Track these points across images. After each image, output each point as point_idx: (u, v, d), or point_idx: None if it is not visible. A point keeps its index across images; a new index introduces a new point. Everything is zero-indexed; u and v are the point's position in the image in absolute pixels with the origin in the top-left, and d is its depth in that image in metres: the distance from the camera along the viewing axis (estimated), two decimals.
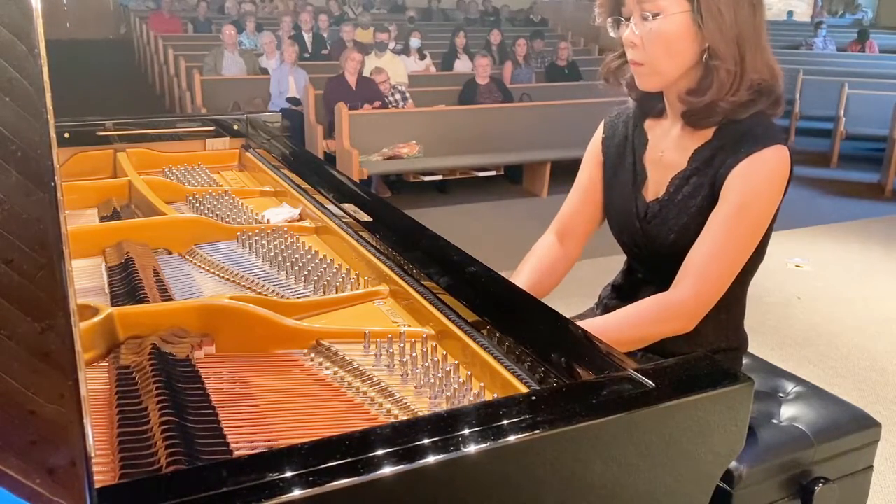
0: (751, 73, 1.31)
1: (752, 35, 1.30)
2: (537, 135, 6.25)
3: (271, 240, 1.64)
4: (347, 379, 1.12)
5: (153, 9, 12.65)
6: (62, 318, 0.61)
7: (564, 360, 1.00)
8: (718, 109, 1.32)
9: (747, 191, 1.31)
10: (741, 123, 1.34)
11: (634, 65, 1.36)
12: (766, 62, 1.33)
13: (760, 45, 1.32)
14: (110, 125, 2.35)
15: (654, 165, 1.46)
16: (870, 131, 7.38)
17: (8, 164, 0.61)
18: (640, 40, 1.31)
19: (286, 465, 0.72)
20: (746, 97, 1.31)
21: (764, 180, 1.31)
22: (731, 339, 1.48)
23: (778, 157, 1.31)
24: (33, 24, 0.63)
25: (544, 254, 1.61)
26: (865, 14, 18.38)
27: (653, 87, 1.38)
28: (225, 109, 6.74)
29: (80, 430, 0.60)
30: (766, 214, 1.34)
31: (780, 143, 1.32)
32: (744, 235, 1.32)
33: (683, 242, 1.37)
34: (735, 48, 1.29)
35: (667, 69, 1.33)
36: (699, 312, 1.34)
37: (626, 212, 1.48)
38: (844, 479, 1.46)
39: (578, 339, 1.06)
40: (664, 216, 1.41)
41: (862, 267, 4.77)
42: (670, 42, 1.30)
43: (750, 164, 1.30)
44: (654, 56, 1.31)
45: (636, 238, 1.47)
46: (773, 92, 1.34)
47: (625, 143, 1.51)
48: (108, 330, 1.17)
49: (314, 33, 9.33)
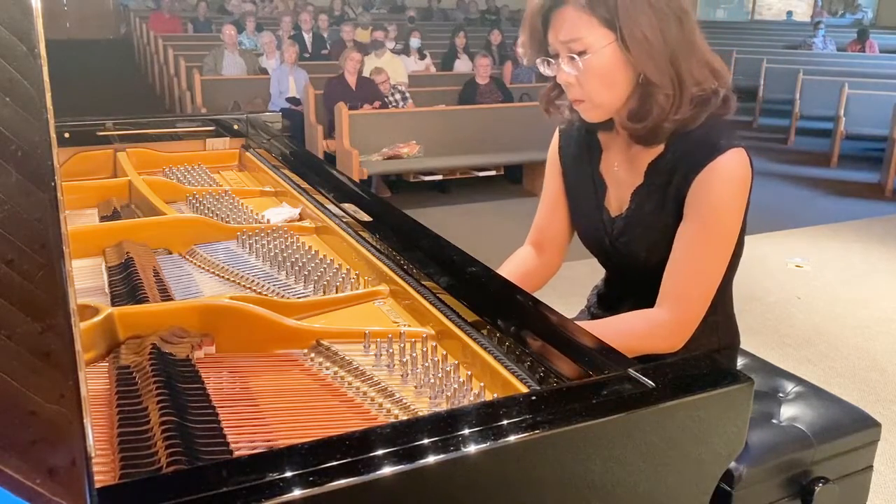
0: (690, 88, 1.28)
1: (686, 48, 1.26)
2: (537, 135, 6.23)
3: (271, 240, 1.64)
4: (347, 379, 1.12)
5: (153, 9, 12.65)
6: (62, 318, 0.61)
7: (564, 360, 1.00)
8: (664, 129, 1.30)
9: (711, 203, 1.28)
10: (692, 133, 1.31)
11: (575, 102, 1.34)
12: (706, 66, 1.30)
13: (696, 54, 1.28)
14: (110, 125, 2.35)
15: (611, 178, 1.45)
16: (870, 131, 7.39)
17: (8, 164, 0.61)
18: (576, 80, 1.29)
19: (286, 465, 0.72)
20: (690, 112, 1.29)
21: (726, 189, 1.28)
22: (724, 338, 1.48)
23: (736, 162, 1.28)
24: (33, 24, 0.63)
25: (520, 262, 1.60)
26: (865, 14, 18.38)
27: (598, 119, 1.36)
28: (225, 109, 6.74)
29: (81, 430, 0.60)
30: (735, 221, 1.32)
31: (734, 147, 1.28)
32: (716, 249, 1.31)
33: (655, 259, 1.36)
34: (669, 68, 1.26)
35: (607, 101, 1.31)
36: (685, 333, 1.33)
37: (594, 228, 1.48)
38: (844, 479, 1.46)
39: (578, 339, 1.06)
40: (631, 234, 1.40)
41: (862, 267, 4.77)
42: (604, 76, 1.27)
43: (709, 175, 1.28)
44: (592, 91, 1.29)
45: (609, 254, 1.47)
46: (718, 95, 1.30)
47: (580, 152, 1.50)
48: (108, 330, 1.17)
49: (314, 33, 9.34)
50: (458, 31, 9.13)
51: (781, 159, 7.92)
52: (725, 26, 16.37)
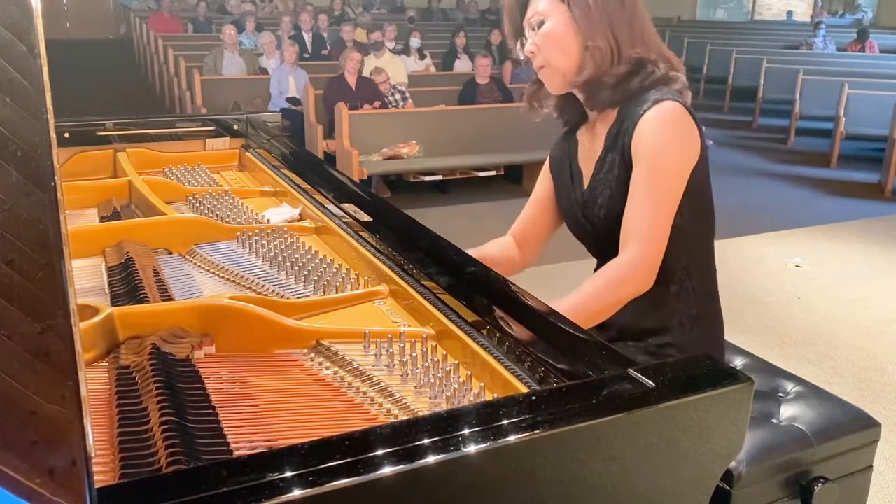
0: (627, 50, 1.43)
1: (625, 23, 1.44)
2: (537, 135, 6.22)
3: (271, 240, 1.64)
4: (347, 379, 1.12)
5: (153, 9, 12.65)
6: (62, 318, 0.61)
7: (564, 360, 1.00)
8: (604, 84, 1.44)
9: (651, 146, 1.40)
10: (636, 95, 1.44)
11: (539, 70, 1.50)
12: (654, 49, 1.47)
13: (637, 32, 1.45)
14: (110, 125, 2.35)
15: (584, 161, 1.58)
16: (870, 131, 7.38)
17: (8, 164, 0.61)
18: (537, 48, 1.48)
19: (286, 465, 0.72)
20: (626, 69, 1.43)
21: (662, 131, 1.39)
22: (701, 307, 1.50)
23: (671, 108, 1.40)
24: (33, 24, 0.63)
25: (498, 246, 1.70)
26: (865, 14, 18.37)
27: (559, 87, 1.51)
28: (225, 109, 6.74)
29: (81, 430, 0.60)
30: (679, 162, 1.41)
31: (669, 99, 1.40)
32: (664, 186, 1.40)
33: (613, 215, 1.45)
34: (608, 32, 1.43)
35: (562, 65, 1.46)
36: (650, 270, 1.41)
37: (570, 209, 1.59)
38: (844, 478, 1.46)
39: (578, 338, 1.06)
40: (595, 200, 1.50)
41: (862, 267, 4.77)
42: (557, 39, 1.45)
43: (645, 122, 1.40)
44: (550, 56, 1.47)
45: (583, 227, 1.56)
46: (658, 65, 1.45)
47: (563, 154, 1.64)
48: (108, 330, 1.17)
49: (314, 33, 9.33)
50: (458, 31, 9.12)
51: (781, 159, 7.92)
52: (725, 26, 16.36)
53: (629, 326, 1.50)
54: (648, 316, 1.48)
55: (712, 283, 1.54)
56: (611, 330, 1.51)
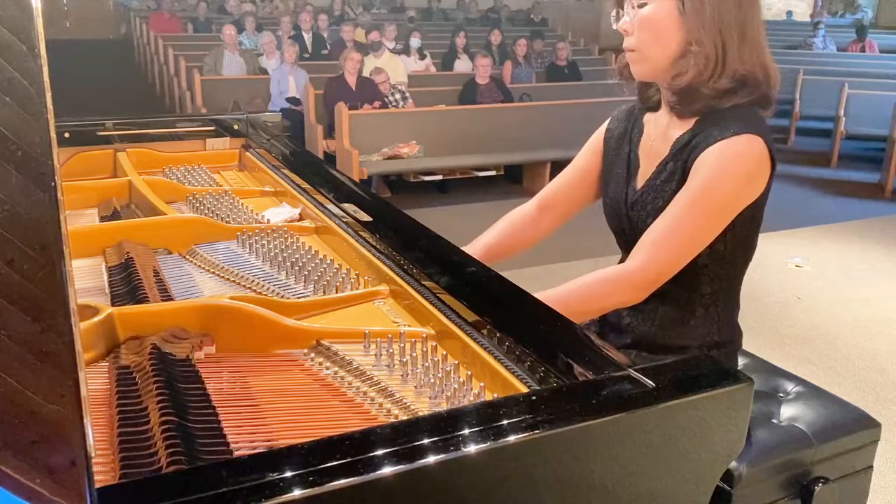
0: (735, 64, 1.33)
1: (736, 28, 1.33)
2: (537, 135, 6.25)
3: (271, 240, 1.64)
4: (347, 379, 1.12)
5: (153, 9, 12.65)
6: (62, 318, 0.61)
7: (564, 360, 1.00)
8: (700, 95, 1.35)
9: (712, 173, 1.32)
10: (722, 113, 1.36)
11: (628, 51, 1.42)
12: (759, 60, 1.36)
13: (748, 41, 1.34)
14: (110, 125, 2.35)
15: (645, 155, 1.50)
16: (870, 131, 7.38)
17: (8, 164, 0.61)
18: (632, 27, 1.38)
19: (286, 465, 0.72)
20: (728, 85, 1.34)
21: (730, 165, 1.32)
22: (723, 333, 1.48)
23: (749, 145, 1.32)
24: (33, 24, 0.63)
25: (517, 219, 1.67)
26: (865, 14, 18.37)
27: (644, 75, 1.42)
28: (225, 109, 6.74)
29: (81, 430, 0.60)
30: (730, 198, 1.34)
31: (755, 134, 1.32)
32: (702, 215, 1.33)
33: None
34: (717, 36, 1.32)
35: (654, 55, 1.37)
36: (647, 284, 1.36)
37: (617, 200, 1.52)
38: (844, 478, 1.46)
39: (578, 338, 1.06)
40: (644, 202, 1.45)
41: (862, 267, 4.77)
42: (656, 27, 1.35)
43: (719, 149, 1.32)
44: (643, 42, 1.37)
45: (623, 225, 1.51)
46: (759, 86, 1.36)
47: (624, 135, 1.55)
48: (108, 330, 1.17)
49: (314, 33, 9.33)
50: (458, 31, 9.12)
51: (781, 159, 7.70)
52: None
53: (647, 338, 1.47)
54: (670, 334, 1.45)
55: (735, 311, 1.52)
56: (626, 336, 1.49)
